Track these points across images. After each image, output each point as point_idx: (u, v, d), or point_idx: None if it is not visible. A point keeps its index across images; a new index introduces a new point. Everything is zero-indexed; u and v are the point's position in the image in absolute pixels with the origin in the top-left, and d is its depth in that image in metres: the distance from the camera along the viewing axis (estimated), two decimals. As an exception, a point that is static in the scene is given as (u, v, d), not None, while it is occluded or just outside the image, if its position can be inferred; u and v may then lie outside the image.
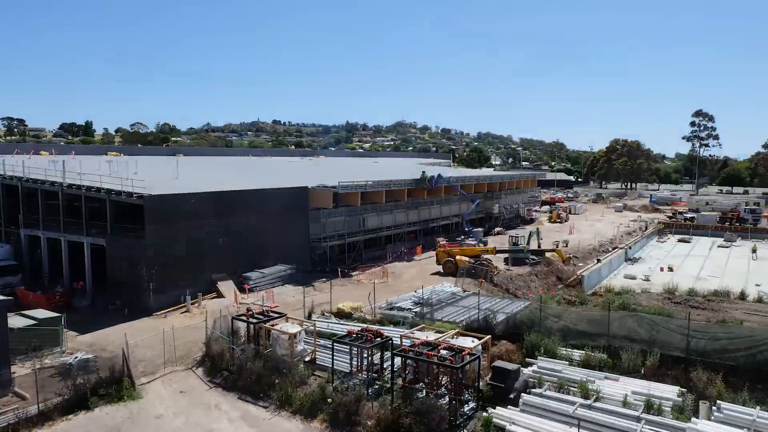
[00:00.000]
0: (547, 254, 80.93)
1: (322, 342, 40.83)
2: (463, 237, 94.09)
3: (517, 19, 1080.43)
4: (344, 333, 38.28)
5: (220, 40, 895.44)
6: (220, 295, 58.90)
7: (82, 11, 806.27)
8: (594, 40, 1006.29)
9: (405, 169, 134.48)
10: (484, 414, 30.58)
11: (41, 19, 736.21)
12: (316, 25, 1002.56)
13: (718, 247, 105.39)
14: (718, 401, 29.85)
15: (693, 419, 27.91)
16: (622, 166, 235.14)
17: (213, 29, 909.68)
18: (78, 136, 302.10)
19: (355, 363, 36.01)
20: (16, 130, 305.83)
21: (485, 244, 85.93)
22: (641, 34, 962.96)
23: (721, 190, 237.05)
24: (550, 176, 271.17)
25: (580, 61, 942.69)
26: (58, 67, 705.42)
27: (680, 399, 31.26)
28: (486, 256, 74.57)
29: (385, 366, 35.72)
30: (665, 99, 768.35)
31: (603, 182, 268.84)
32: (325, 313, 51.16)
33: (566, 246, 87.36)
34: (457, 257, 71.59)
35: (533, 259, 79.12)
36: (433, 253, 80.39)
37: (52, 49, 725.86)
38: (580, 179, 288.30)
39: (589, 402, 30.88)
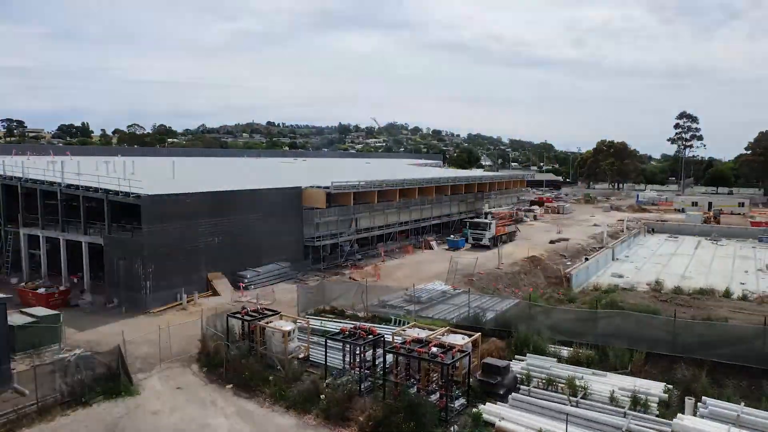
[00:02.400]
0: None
1: (315, 339, 40.95)
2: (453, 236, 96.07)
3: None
4: (337, 330, 38.36)
5: (217, 42, 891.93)
6: (215, 293, 58.88)
7: (79, 14, 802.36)
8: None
9: (397, 169, 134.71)
10: (474, 410, 30.67)
11: (39, 21, 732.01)
12: (310, 28, 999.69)
13: (703, 245, 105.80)
14: (703, 397, 29.93)
15: (679, 415, 28.01)
16: (609, 166, 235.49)
17: (210, 31, 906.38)
18: (76, 138, 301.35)
19: (348, 360, 36.00)
20: (15, 131, 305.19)
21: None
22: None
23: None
24: (538, 177, 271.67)
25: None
26: (57, 69, 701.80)
27: (666, 395, 31.39)
28: None
29: (377, 363, 35.75)
30: (651, 100, 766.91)
31: (590, 182, 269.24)
32: (319, 311, 51.27)
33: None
34: None
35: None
36: (424, 252, 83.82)
37: (51, 51, 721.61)
38: (568, 179, 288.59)
39: (576, 398, 31.01)
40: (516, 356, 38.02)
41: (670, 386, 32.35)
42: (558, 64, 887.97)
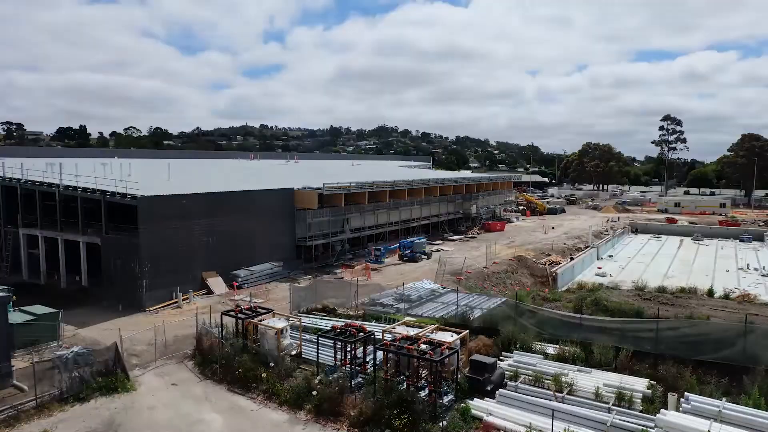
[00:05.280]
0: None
1: (307, 337, 40.98)
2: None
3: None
4: (329, 328, 38.36)
5: (212, 46, 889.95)
6: (210, 292, 58.93)
7: (75, 20, 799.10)
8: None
9: (387, 171, 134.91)
10: (463, 405, 30.69)
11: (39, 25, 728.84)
12: (303, 32, 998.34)
13: (686, 245, 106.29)
14: (686, 393, 29.99)
15: (662, 410, 28.04)
16: (594, 168, 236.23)
17: (204, 35, 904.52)
18: (74, 140, 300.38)
19: (339, 357, 35.99)
20: (15, 133, 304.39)
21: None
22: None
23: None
24: (525, 178, 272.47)
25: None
26: (56, 72, 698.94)
27: (650, 391, 31.46)
28: None
29: (367, 360, 35.77)
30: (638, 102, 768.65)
31: (576, 184, 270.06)
32: (311, 309, 51.30)
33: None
34: None
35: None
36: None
37: (50, 54, 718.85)
38: (554, 181, 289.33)
39: (562, 394, 31.08)
40: (503, 353, 38.06)
41: (654, 383, 32.45)
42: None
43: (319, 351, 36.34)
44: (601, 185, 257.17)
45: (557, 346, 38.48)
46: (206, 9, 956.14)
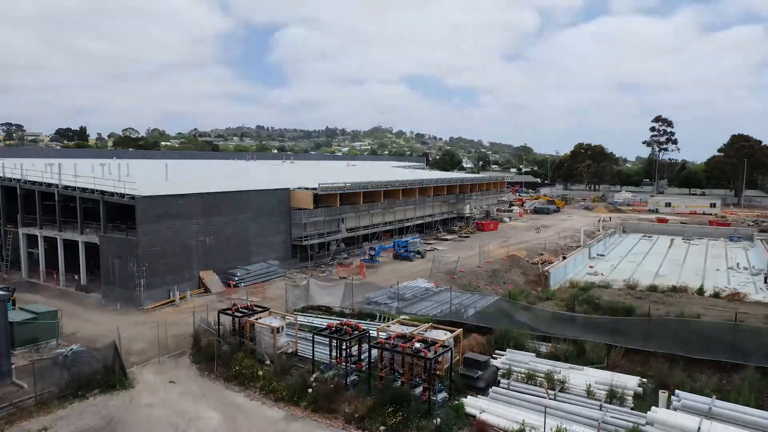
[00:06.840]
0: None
1: (303, 335, 40.88)
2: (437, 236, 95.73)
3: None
4: (324, 326, 38.30)
5: (210, 49, 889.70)
6: (207, 291, 58.89)
7: (76, 22, 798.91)
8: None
9: (381, 171, 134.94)
10: (456, 403, 30.71)
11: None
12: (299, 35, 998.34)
13: (677, 245, 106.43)
14: (676, 390, 30.02)
15: (653, 407, 28.07)
16: (586, 168, 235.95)
17: (203, 37, 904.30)
18: (73, 141, 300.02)
19: (335, 355, 36.02)
20: (14, 135, 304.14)
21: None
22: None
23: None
24: (518, 178, 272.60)
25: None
26: (56, 73, 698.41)
27: (641, 389, 31.51)
28: None
29: (362, 357, 35.77)
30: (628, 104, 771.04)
31: (568, 184, 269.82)
32: (306, 308, 51.29)
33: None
34: None
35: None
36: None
37: (51, 55, 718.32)
38: (546, 181, 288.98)
39: (555, 391, 31.12)
40: (496, 351, 38.11)
41: (645, 380, 32.50)
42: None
43: (315, 349, 36.45)
44: (593, 185, 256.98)
45: (550, 344, 38.52)
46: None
